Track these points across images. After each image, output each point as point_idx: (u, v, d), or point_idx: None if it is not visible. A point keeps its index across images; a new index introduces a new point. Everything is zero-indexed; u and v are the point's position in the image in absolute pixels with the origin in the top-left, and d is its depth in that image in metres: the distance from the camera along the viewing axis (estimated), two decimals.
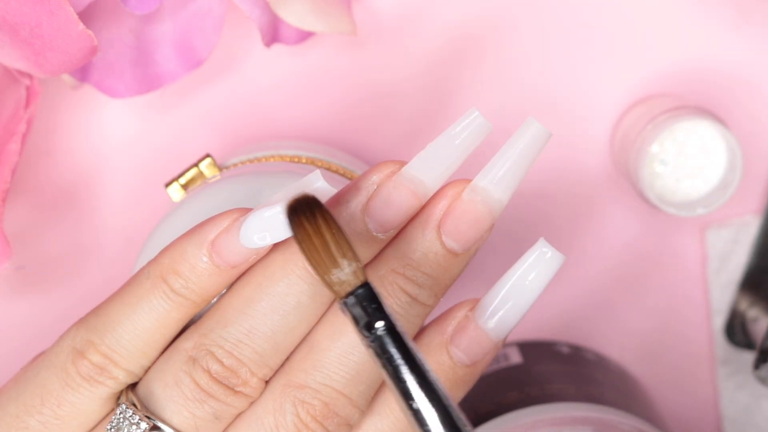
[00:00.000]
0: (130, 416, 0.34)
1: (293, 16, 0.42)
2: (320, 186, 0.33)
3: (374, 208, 0.34)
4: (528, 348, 0.48)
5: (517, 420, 0.43)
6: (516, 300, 0.34)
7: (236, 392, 0.34)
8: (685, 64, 0.48)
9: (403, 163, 0.34)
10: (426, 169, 0.34)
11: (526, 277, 0.34)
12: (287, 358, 0.34)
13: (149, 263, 0.34)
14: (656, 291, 0.50)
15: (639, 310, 0.50)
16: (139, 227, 0.47)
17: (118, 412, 0.34)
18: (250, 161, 0.42)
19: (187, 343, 0.34)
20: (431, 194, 0.34)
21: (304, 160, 0.42)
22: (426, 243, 0.34)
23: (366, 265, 0.34)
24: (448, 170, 0.34)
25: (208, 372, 0.34)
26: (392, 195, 0.34)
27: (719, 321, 0.50)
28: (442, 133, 0.34)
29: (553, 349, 0.48)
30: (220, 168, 0.42)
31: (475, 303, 0.35)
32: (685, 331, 0.51)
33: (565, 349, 0.49)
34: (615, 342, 0.50)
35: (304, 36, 0.45)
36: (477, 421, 0.44)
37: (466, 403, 0.45)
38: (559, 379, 0.46)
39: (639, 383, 0.49)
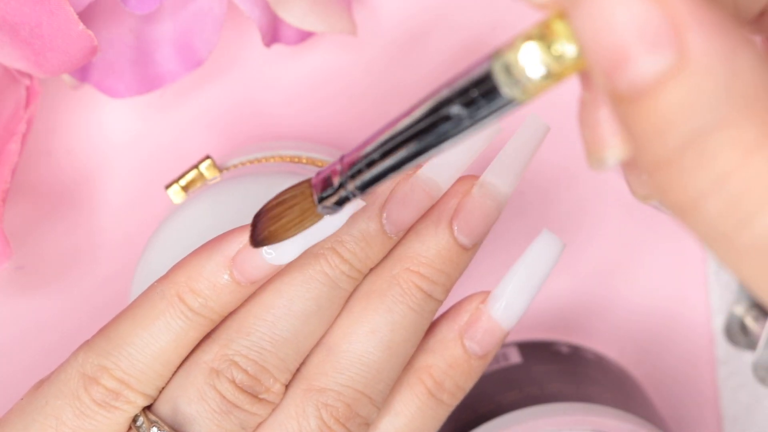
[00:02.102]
0: None
1: (293, 16, 0.42)
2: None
3: (391, 211, 0.34)
4: (527, 348, 0.48)
5: (516, 420, 0.43)
6: (524, 288, 0.36)
7: (260, 400, 0.34)
8: None
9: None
10: (440, 171, 0.35)
11: (532, 265, 0.36)
12: (303, 362, 0.34)
13: (162, 281, 0.34)
14: (656, 291, 0.50)
15: (639, 310, 0.50)
16: (139, 227, 0.47)
17: None
18: (251, 162, 0.43)
19: (206, 356, 0.34)
20: (442, 194, 0.35)
21: (304, 161, 0.42)
22: (439, 240, 0.35)
23: (377, 265, 0.35)
24: (460, 171, 0.35)
25: (233, 382, 0.33)
26: (408, 197, 0.34)
27: (719, 321, 0.50)
28: None
29: (552, 349, 0.48)
30: (220, 169, 0.42)
31: (484, 296, 0.36)
32: (685, 331, 0.51)
33: (564, 349, 0.49)
34: (615, 342, 0.50)
35: (304, 36, 0.45)
36: (477, 421, 0.44)
37: (465, 403, 0.45)
38: (558, 379, 0.46)
39: (639, 383, 0.49)
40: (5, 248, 0.41)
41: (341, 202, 0.31)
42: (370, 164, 0.29)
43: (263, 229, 0.32)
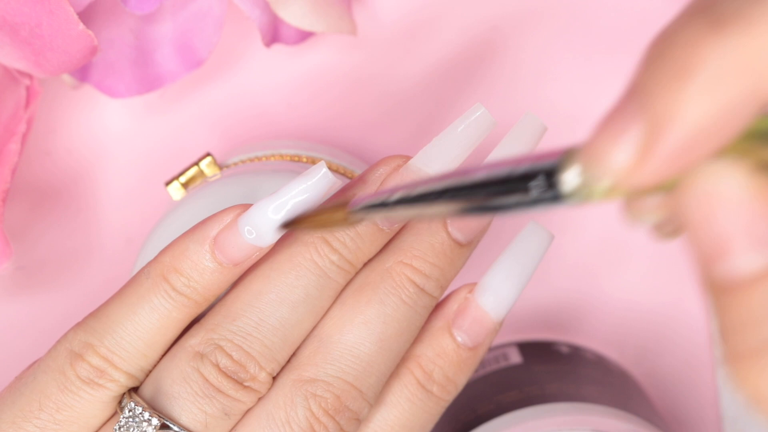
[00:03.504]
0: (140, 413, 0.33)
1: (293, 16, 0.42)
2: (324, 175, 0.33)
3: None
4: (528, 348, 0.48)
5: (516, 420, 0.43)
6: (512, 277, 0.36)
7: (245, 387, 0.33)
8: None
9: (408, 158, 0.35)
10: (432, 163, 0.34)
11: (519, 256, 0.36)
12: (294, 354, 0.34)
13: (150, 263, 0.34)
14: (656, 291, 0.50)
15: (639, 310, 0.50)
16: (140, 226, 0.48)
17: (126, 411, 0.33)
18: (251, 160, 0.43)
19: (193, 340, 0.34)
20: None
21: (304, 159, 0.43)
22: (433, 234, 0.34)
23: (371, 259, 0.35)
24: (453, 164, 0.35)
25: (217, 366, 0.33)
26: None
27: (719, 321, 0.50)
28: (447, 128, 0.35)
29: (552, 349, 0.48)
30: (221, 167, 0.42)
31: (472, 286, 0.36)
32: (685, 331, 0.51)
33: (564, 349, 0.49)
34: (615, 342, 0.50)
35: (304, 36, 0.45)
36: (477, 421, 0.44)
37: (465, 403, 0.45)
38: (558, 379, 0.46)
39: (639, 383, 0.49)
40: (5, 248, 0.41)
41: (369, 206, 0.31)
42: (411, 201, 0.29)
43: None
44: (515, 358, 0.48)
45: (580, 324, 0.50)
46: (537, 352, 0.48)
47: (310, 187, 0.33)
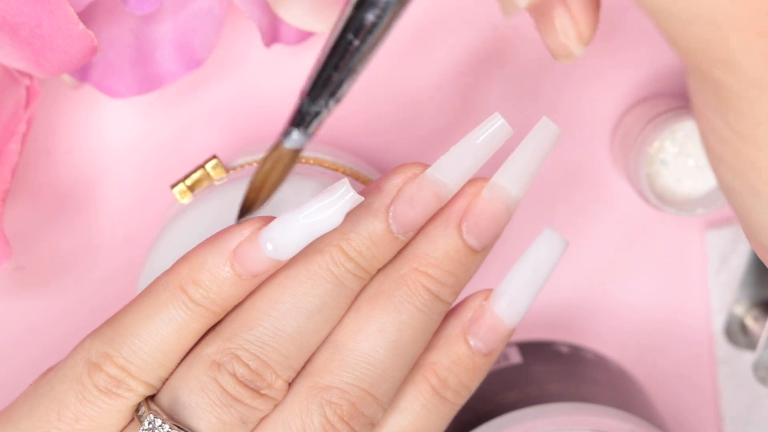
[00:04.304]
0: (160, 425, 0.33)
1: (293, 16, 0.42)
2: (346, 191, 0.33)
3: (398, 210, 0.34)
4: (528, 348, 0.48)
5: (516, 420, 0.43)
6: (527, 285, 0.36)
7: (262, 395, 0.34)
8: None
9: (425, 166, 0.35)
10: (449, 172, 0.35)
11: (535, 263, 0.36)
12: (309, 360, 0.34)
13: (166, 273, 0.34)
14: (656, 291, 0.50)
15: (639, 310, 0.50)
16: (139, 227, 0.47)
17: (146, 423, 0.33)
18: (257, 162, 0.42)
19: (209, 349, 0.34)
20: (451, 196, 0.35)
21: (311, 161, 0.42)
22: (448, 241, 0.34)
23: (385, 266, 0.35)
24: (470, 173, 0.35)
25: (234, 375, 0.33)
26: (415, 197, 0.34)
27: (719, 321, 0.50)
28: (465, 137, 0.35)
29: (552, 349, 0.48)
30: (227, 169, 0.42)
31: (488, 293, 0.36)
32: (685, 331, 0.51)
33: (564, 349, 0.49)
34: (615, 342, 0.50)
35: (304, 36, 0.45)
36: (477, 421, 0.44)
37: (465, 403, 0.45)
38: (558, 379, 0.46)
39: (639, 383, 0.49)
40: (5, 248, 0.41)
41: (303, 122, 0.33)
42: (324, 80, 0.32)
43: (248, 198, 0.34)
44: (515, 358, 0.48)
45: (580, 324, 0.50)
46: (537, 352, 0.48)
47: (332, 203, 0.33)
